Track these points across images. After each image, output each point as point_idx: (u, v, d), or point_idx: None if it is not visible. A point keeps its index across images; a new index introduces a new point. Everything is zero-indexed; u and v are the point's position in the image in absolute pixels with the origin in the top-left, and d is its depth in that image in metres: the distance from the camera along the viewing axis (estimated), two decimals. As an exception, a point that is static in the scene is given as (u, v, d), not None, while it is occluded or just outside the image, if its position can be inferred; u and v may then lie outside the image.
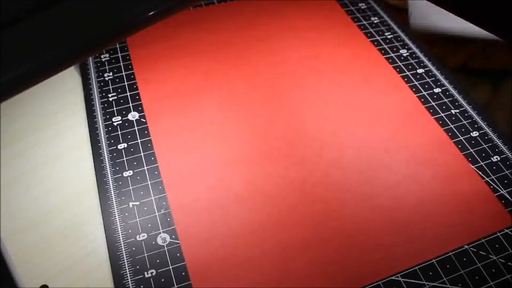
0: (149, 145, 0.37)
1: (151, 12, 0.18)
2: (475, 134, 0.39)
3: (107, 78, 0.41)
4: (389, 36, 0.47)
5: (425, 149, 0.38)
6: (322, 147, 0.37)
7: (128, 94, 0.40)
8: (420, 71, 0.44)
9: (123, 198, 0.34)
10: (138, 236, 0.32)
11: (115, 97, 0.40)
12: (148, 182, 0.35)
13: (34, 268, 0.31)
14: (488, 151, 0.38)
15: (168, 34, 0.45)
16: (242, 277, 0.30)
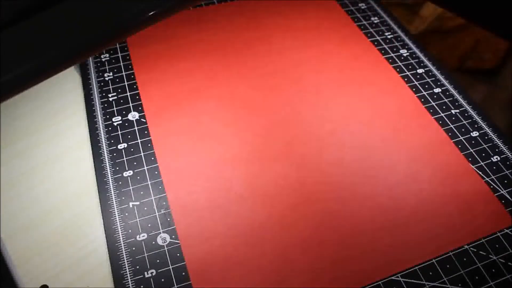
0: (149, 145, 0.37)
1: (151, 12, 0.18)
2: (475, 134, 0.39)
3: (107, 78, 0.41)
4: (389, 36, 0.47)
5: (425, 149, 0.38)
6: (322, 147, 0.37)
7: (128, 94, 0.40)
8: (420, 71, 0.44)
9: (123, 198, 0.34)
10: (138, 236, 0.32)
11: (115, 97, 0.40)
12: (148, 182, 0.35)
13: (34, 268, 0.31)
14: (488, 151, 0.38)
15: (168, 34, 0.45)
16: (242, 277, 0.30)
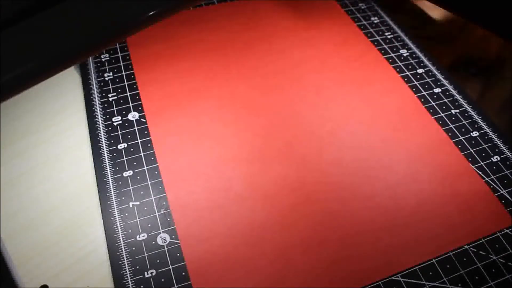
0: (149, 145, 0.37)
1: (151, 12, 0.18)
2: (475, 134, 0.39)
3: (107, 78, 0.41)
4: (389, 36, 0.47)
5: (425, 149, 0.38)
6: (322, 147, 0.37)
7: (128, 94, 0.40)
8: (420, 71, 0.44)
9: (123, 198, 0.34)
10: (138, 236, 0.32)
11: (115, 97, 0.40)
12: (148, 182, 0.35)
13: (34, 268, 0.31)
14: (488, 151, 0.38)
15: (168, 34, 0.45)
16: (242, 277, 0.30)
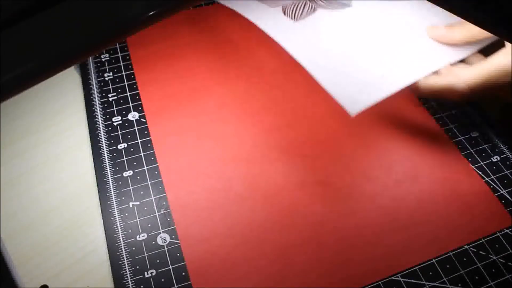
0: (149, 145, 0.37)
1: (151, 12, 0.18)
2: (475, 134, 0.39)
3: (107, 78, 0.41)
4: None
5: (425, 149, 0.37)
6: (322, 147, 0.37)
7: (128, 94, 0.40)
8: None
9: (123, 198, 0.34)
10: (138, 236, 0.32)
11: (115, 97, 0.40)
12: (148, 182, 0.35)
13: (34, 268, 0.31)
14: (488, 151, 0.38)
15: (168, 34, 0.45)
16: (242, 277, 0.30)
